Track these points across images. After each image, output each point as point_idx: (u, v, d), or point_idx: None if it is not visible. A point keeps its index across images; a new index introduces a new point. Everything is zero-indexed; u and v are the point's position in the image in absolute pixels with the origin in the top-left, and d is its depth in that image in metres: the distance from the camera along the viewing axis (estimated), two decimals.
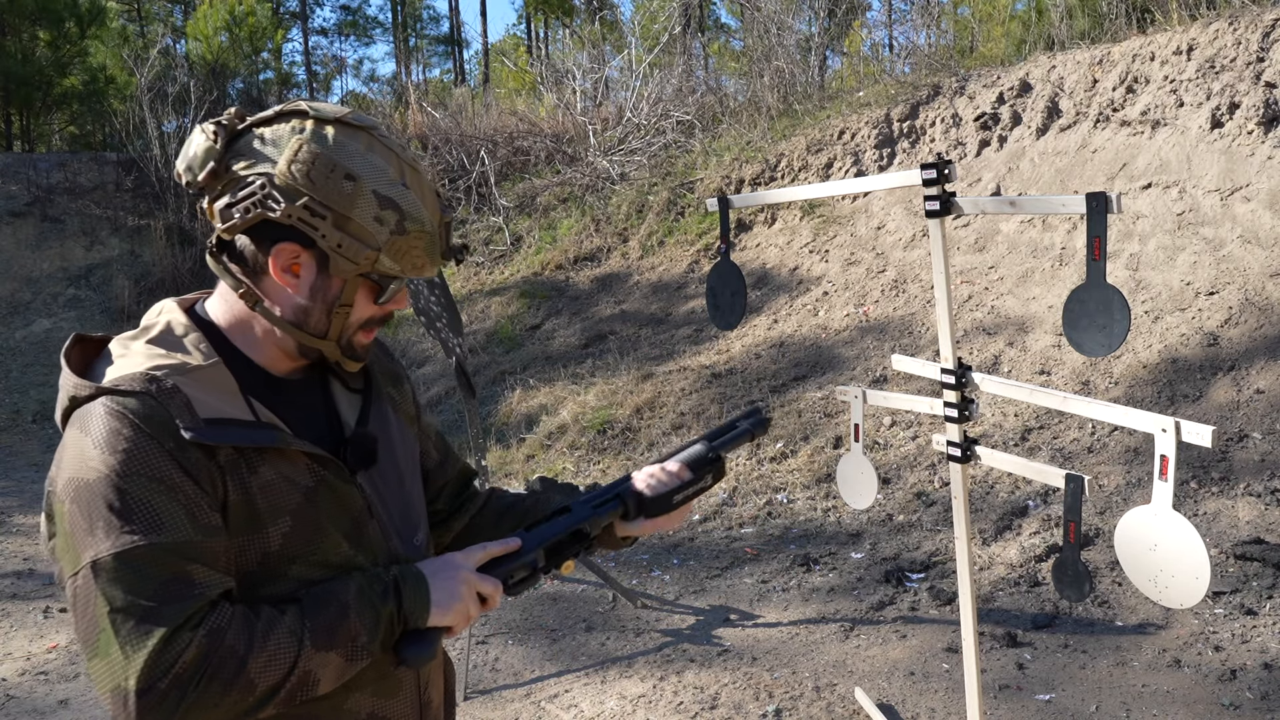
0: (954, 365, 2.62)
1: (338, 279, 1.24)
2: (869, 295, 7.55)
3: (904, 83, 9.65)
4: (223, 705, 1.10)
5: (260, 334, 1.28)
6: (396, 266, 1.24)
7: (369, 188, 1.20)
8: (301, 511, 1.23)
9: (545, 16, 28.81)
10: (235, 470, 1.19)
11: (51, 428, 9.62)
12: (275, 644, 1.13)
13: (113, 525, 1.10)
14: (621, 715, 3.66)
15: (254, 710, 1.14)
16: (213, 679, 1.09)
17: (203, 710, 1.10)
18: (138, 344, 1.24)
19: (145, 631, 1.08)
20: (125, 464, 1.12)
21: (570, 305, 9.38)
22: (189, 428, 1.15)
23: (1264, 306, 5.49)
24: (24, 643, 4.54)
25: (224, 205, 1.21)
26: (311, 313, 1.26)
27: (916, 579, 4.62)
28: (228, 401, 1.22)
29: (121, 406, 1.15)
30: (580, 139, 11.93)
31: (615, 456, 6.72)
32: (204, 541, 1.14)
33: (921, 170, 2.52)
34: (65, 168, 13.01)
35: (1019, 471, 2.65)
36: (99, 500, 1.11)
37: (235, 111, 1.24)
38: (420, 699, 1.39)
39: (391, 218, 1.21)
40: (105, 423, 1.14)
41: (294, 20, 26.98)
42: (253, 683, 1.11)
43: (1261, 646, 3.69)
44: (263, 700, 1.13)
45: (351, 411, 1.37)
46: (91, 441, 1.13)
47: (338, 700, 1.26)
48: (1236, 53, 6.67)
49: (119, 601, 1.09)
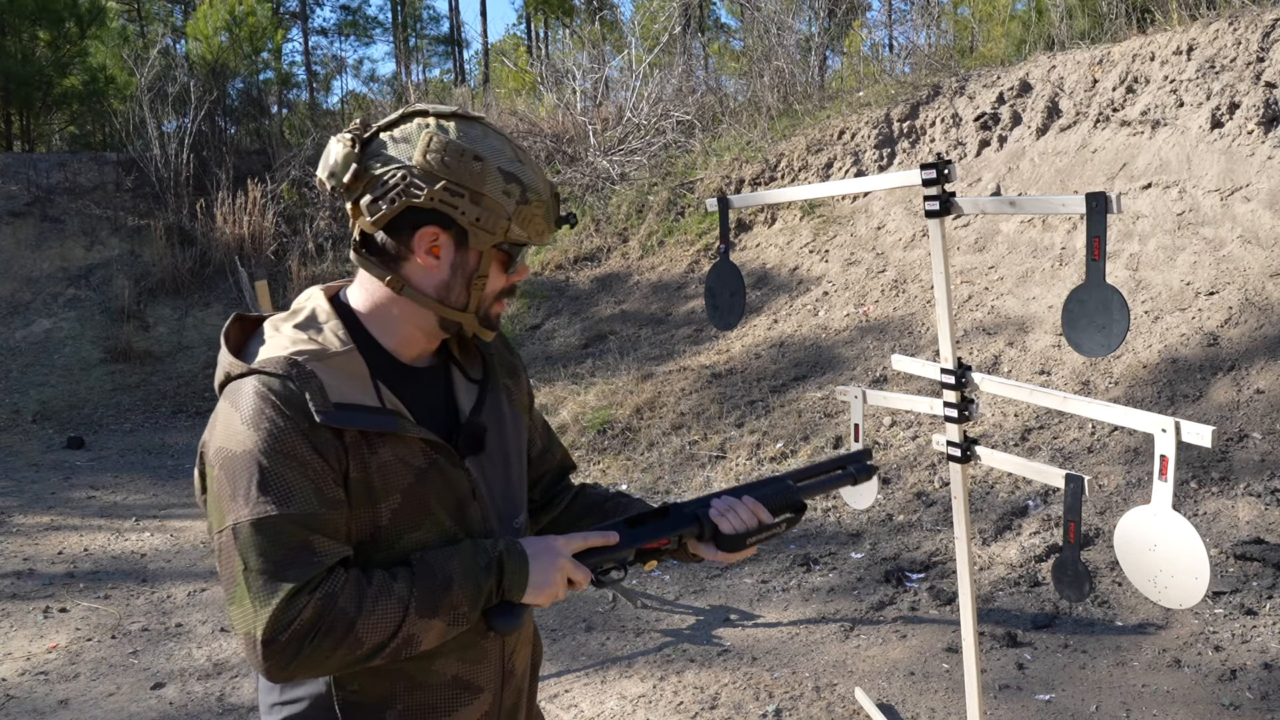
0: (954, 365, 2.62)
1: (474, 252, 1.39)
2: (869, 295, 7.55)
3: (904, 83, 9.65)
4: (333, 658, 1.25)
5: (397, 318, 1.41)
6: (524, 234, 1.39)
7: (494, 165, 1.36)
8: (412, 491, 1.36)
9: (545, 16, 28.80)
10: (358, 450, 1.32)
11: (52, 427, 9.62)
12: (383, 609, 1.27)
13: (251, 495, 1.26)
14: (621, 715, 3.66)
15: (361, 662, 1.28)
16: (326, 635, 1.24)
17: (316, 660, 1.25)
18: (287, 327, 1.39)
19: (272, 590, 1.23)
20: (266, 440, 1.27)
21: (570, 305, 9.38)
22: (320, 410, 1.30)
23: (1264, 306, 5.49)
24: (24, 643, 4.54)
25: (370, 201, 1.36)
26: (453, 287, 1.40)
27: (916, 579, 4.62)
28: (357, 386, 1.35)
29: (266, 387, 1.30)
30: (580, 139, 11.93)
31: (615, 456, 6.72)
32: (327, 514, 1.28)
33: (921, 170, 2.52)
34: (65, 168, 13.00)
35: (1019, 471, 2.65)
36: (242, 471, 1.27)
37: (361, 122, 1.39)
38: (504, 668, 1.50)
39: (516, 190, 1.37)
40: (252, 401, 1.29)
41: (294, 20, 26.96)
42: (360, 640, 1.26)
43: (1261, 646, 3.69)
44: (369, 655, 1.27)
45: (468, 400, 1.49)
46: (240, 417, 1.29)
47: (426, 662, 1.39)
48: (1236, 53, 6.67)
49: (252, 562, 1.24)
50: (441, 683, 1.42)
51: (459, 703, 1.44)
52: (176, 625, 4.71)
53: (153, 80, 13.12)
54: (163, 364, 10.82)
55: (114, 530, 6.36)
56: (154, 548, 5.98)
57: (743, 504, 1.54)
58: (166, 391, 10.39)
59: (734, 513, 1.53)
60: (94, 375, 10.62)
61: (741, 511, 1.53)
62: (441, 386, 1.48)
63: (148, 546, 6.00)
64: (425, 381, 1.46)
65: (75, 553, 5.89)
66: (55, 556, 5.82)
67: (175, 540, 6.11)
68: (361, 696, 1.38)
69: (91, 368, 10.72)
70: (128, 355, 10.80)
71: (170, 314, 11.48)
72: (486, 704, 1.47)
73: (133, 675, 4.18)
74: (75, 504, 7.10)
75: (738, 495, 1.56)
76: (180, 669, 4.23)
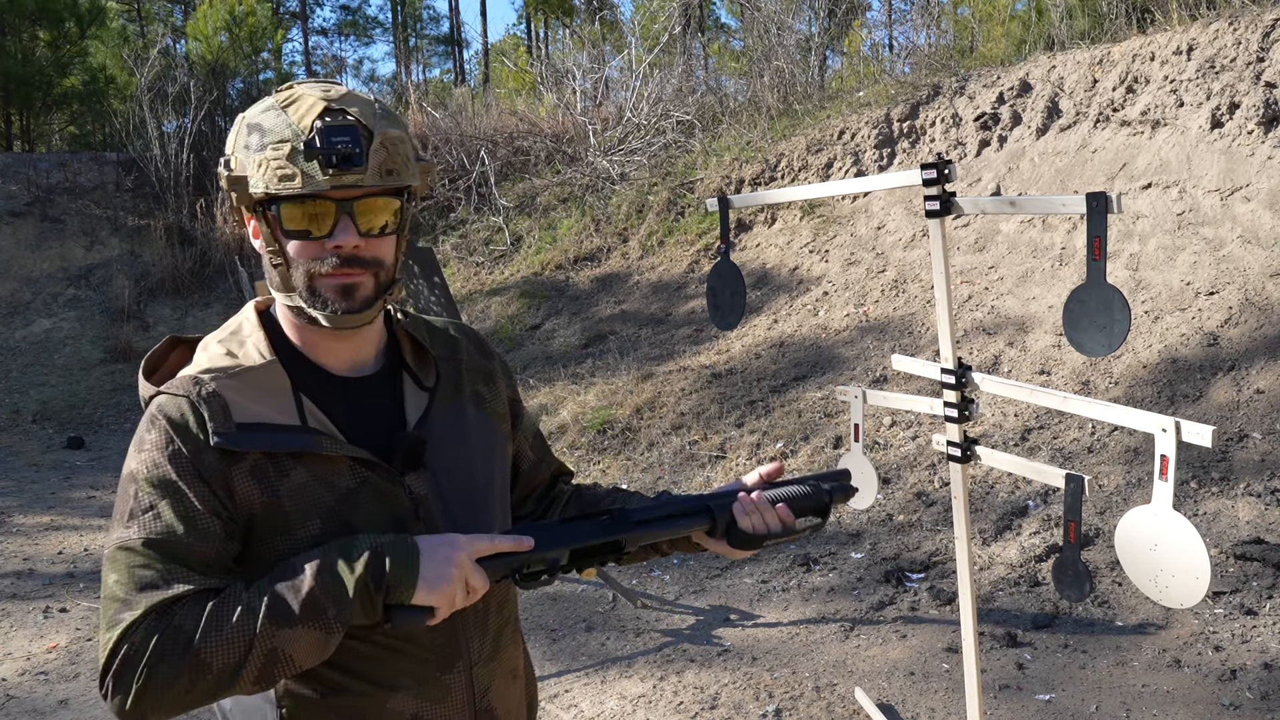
0: (954, 365, 2.62)
1: (249, 219, 1.28)
2: (869, 295, 7.55)
3: (904, 83, 9.65)
4: (177, 685, 1.13)
5: (305, 326, 1.31)
6: (260, 183, 1.21)
7: (244, 121, 1.25)
8: (333, 514, 1.25)
9: (545, 16, 28.81)
10: (262, 475, 1.23)
11: (51, 427, 9.62)
12: (230, 625, 1.14)
13: (124, 519, 1.21)
14: (621, 715, 3.66)
15: (222, 687, 1.14)
16: (160, 660, 1.12)
17: (160, 688, 1.13)
18: (213, 344, 1.32)
19: (117, 618, 1.15)
20: (146, 465, 1.21)
21: (570, 305, 9.38)
22: (218, 432, 1.21)
23: (1264, 306, 5.49)
24: (24, 643, 4.54)
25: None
26: (274, 269, 1.27)
27: (916, 579, 4.62)
28: (274, 402, 1.25)
29: (161, 410, 1.24)
30: (580, 139, 11.93)
31: (615, 456, 6.72)
32: (193, 544, 1.19)
33: (921, 170, 2.52)
34: (65, 168, 13.00)
35: (1019, 471, 2.65)
36: (123, 494, 1.23)
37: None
38: (476, 707, 1.36)
39: (255, 139, 1.23)
40: (143, 424, 1.25)
41: (294, 20, 26.97)
42: (205, 663, 1.13)
43: (1261, 646, 3.69)
44: (226, 679, 1.14)
45: (417, 410, 1.36)
46: (134, 439, 1.25)
47: (379, 699, 1.28)
48: (1236, 53, 6.67)
49: (109, 588, 1.18)
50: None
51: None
52: None
53: (153, 80, 13.12)
54: None
55: None
56: (102, 585, 5.97)
57: (771, 509, 1.42)
58: None
59: (759, 514, 1.41)
60: (94, 375, 10.62)
61: (768, 515, 1.41)
62: (386, 397, 1.35)
63: None
64: (363, 392, 1.33)
65: (75, 553, 5.89)
66: (55, 556, 5.82)
67: None
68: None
69: (91, 368, 10.73)
70: (128, 355, 10.80)
71: (170, 314, 11.48)
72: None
73: None
74: (75, 504, 7.11)
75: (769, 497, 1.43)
76: None
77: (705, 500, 1.41)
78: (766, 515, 1.41)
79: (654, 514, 1.37)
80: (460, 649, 1.34)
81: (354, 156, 1.19)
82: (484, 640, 1.37)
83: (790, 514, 1.43)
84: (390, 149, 1.24)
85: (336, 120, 1.20)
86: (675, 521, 1.39)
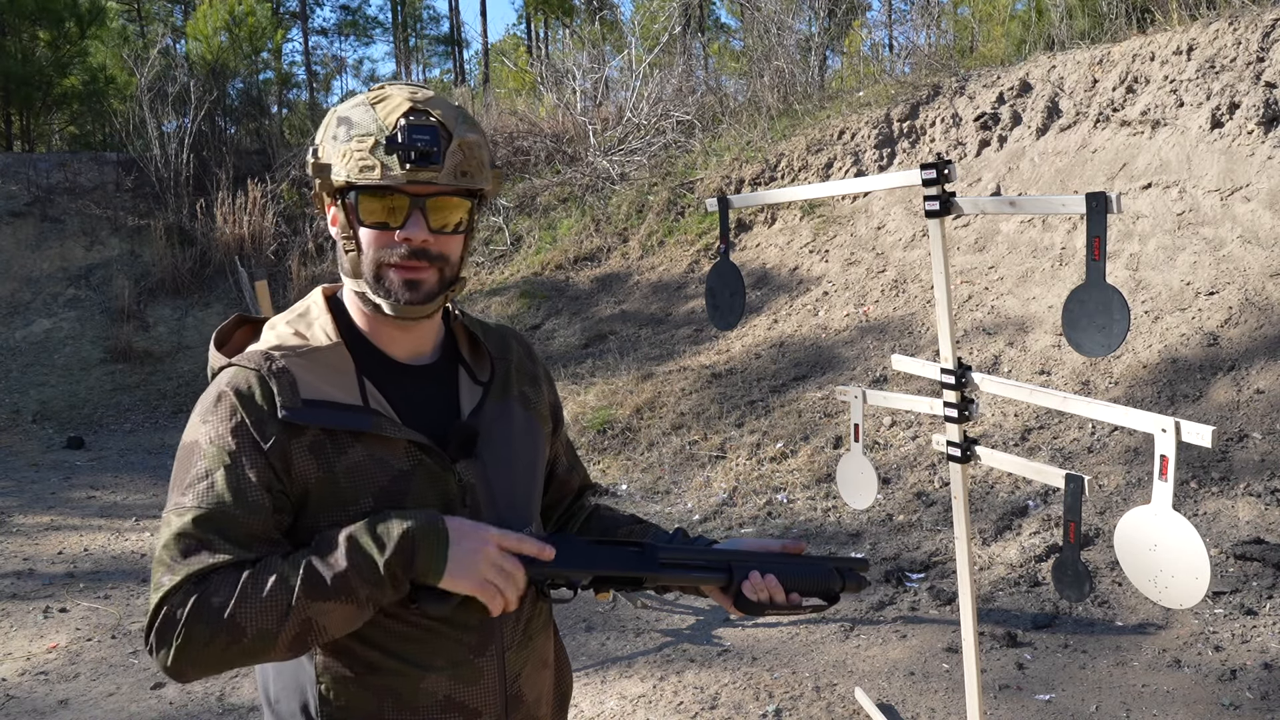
0: (954, 365, 2.62)
1: (330, 209, 1.35)
2: (869, 295, 7.55)
3: (904, 83, 9.65)
4: (213, 646, 1.19)
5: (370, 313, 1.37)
6: (343, 173, 1.28)
7: (336, 114, 1.32)
8: (385, 493, 1.30)
9: (545, 16, 28.80)
10: (321, 451, 1.28)
11: (51, 427, 9.62)
12: (264, 593, 1.19)
13: (180, 486, 1.26)
14: (621, 715, 3.66)
15: (258, 651, 1.20)
16: (197, 621, 1.18)
17: (195, 649, 1.19)
18: (280, 324, 1.38)
19: (160, 581, 1.21)
20: (207, 435, 1.27)
21: (570, 305, 9.38)
22: (286, 406, 1.27)
23: (1264, 306, 5.49)
24: (24, 643, 4.54)
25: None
26: (346, 258, 1.34)
27: (916, 579, 4.62)
28: (338, 382, 1.32)
29: (230, 382, 1.29)
30: (580, 139, 11.93)
31: (615, 456, 6.72)
32: (240, 516, 1.24)
33: (921, 170, 2.51)
34: (65, 168, 13.00)
35: (1019, 471, 2.65)
36: (182, 461, 1.28)
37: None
38: (506, 691, 1.39)
39: (344, 131, 1.29)
40: (211, 395, 1.30)
41: (294, 20, 26.96)
42: (240, 627, 1.18)
43: (1261, 646, 3.69)
44: (260, 644, 1.19)
45: (470, 402, 1.42)
46: (199, 408, 1.30)
47: (414, 679, 1.32)
48: (1236, 53, 6.67)
49: (158, 552, 1.24)
50: (432, 704, 1.33)
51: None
52: None
53: (153, 80, 13.12)
54: (163, 364, 10.82)
55: (114, 530, 6.36)
56: (154, 548, 5.97)
57: (781, 591, 1.43)
58: (166, 391, 10.40)
59: (765, 591, 1.42)
60: (94, 375, 10.62)
61: (776, 595, 1.42)
62: (444, 387, 1.41)
63: (148, 546, 6.00)
64: (423, 380, 1.39)
65: (75, 553, 5.89)
66: (55, 556, 5.82)
67: None
68: (347, 713, 1.32)
69: (91, 368, 10.73)
70: (128, 355, 10.81)
71: (170, 314, 11.48)
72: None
73: (133, 675, 4.18)
74: (75, 504, 7.11)
75: (781, 574, 1.44)
76: None
77: (728, 558, 1.44)
78: (775, 595, 1.43)
79: (679, 559, 1.42)
80: (494, 634, 1.37)
81: (431, 154, 1.26)
82: (515, 627, 1.40)
83: (799, 598, 1.46)
84: (467, 152, 1.30)
85: (419, 120, 1.27)
86: (696, 572, 1.43)
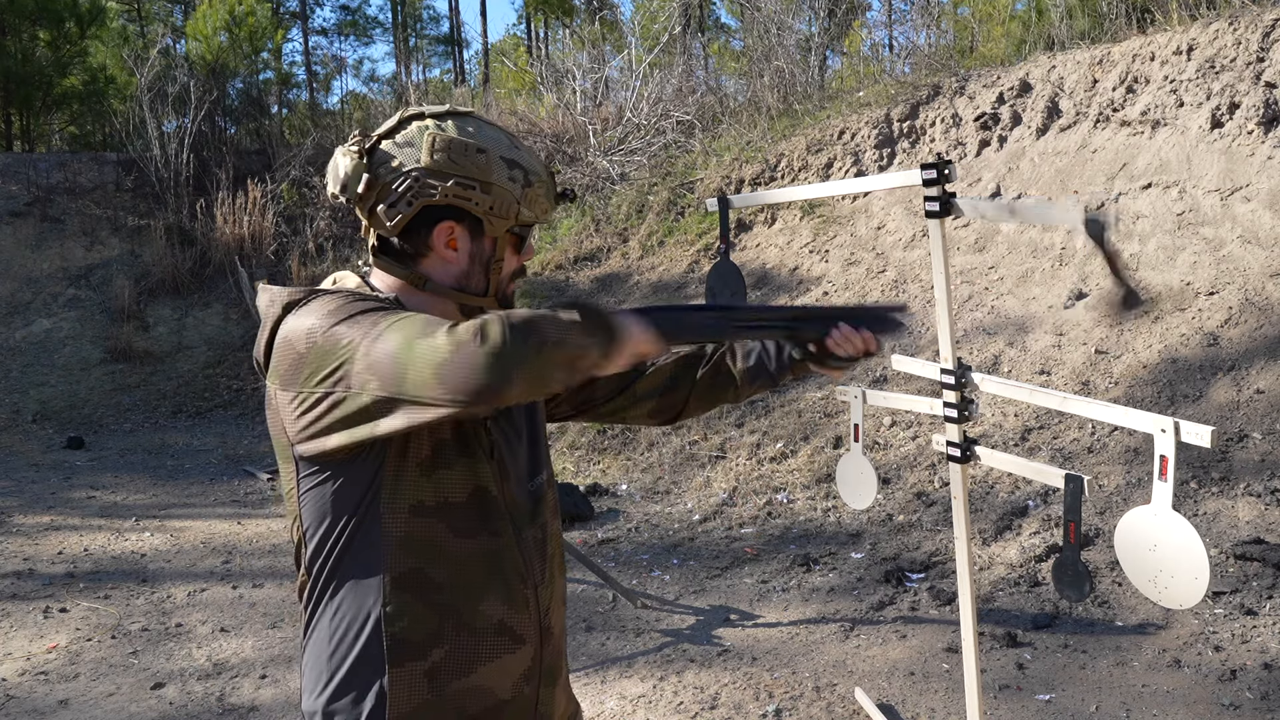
0: (954, 365, 2.62)
1: (489, 239, 1.47)
2: (869, 295, 7.55)
3: (904, 83, 9.65)
4: (529, 346, 1.16)
5: (418, 304, 1.46)
6: (531, 214, 1.47)
7: (497, 155, 1.44)
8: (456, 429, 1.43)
9: (545, 16, 28.79)
10: None
11: (51, 427, 9.62)
12: (554, 313, 1.21)
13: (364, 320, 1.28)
14: (621, 715, 3.66)
15: (552, 366, 1.18)
16: (510, 322, 1.17)
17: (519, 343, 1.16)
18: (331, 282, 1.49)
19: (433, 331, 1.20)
20: (351, 299, 1.34)
21: None
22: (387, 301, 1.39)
23: (1264, 306, 5.49)
24: (24, 643, 4.54)
25: (386, 207, 1.42)
26: (472, 275, 1.47)
27: (916, 579, 4.62)
28: None
29: (331, 292, 1.38)
30: (580, 139, 11.93)
31: (615, 456, 6.72)
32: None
33: (921, 170, 2.52)
34: (65, 168, 13.00)
35: (1019, 471, 2.65)
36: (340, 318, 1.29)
37: (362, 132, 1.46)
38: (541, 623, 1.51)
39: (520, 175, 1.45)
40: (323, 299, 1.35)
41: (294, 20, 26.94)
42: (545, 335, 1.17)
43: (1261, 646, 3.69)
44: (556, 355, 1.18)
45: None
46: (311, 310, 1.34)
47: (474, 602, 1.42)
48: (1236, 53, 6.67)
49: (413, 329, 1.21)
50: (488, 626, 1.43)
51: (503, 650, 1.44)
52: (176, 625, 4.71)
53: (153, 80, 13.12)
54: (163, 364, 10.82)
55: (114, 530, 6.36)
56: (154, 548, 5.98)
57: (858, 334, 1.58)
58: (166, 391, 10.40)
59: (849, 342, 1.58)
60: (94, 375, 10.63)
61: (854, 340, 1.58)
62: None
63: (148, 546, 6.00)
64: None
65: (75, 553, 5.89)
66: (55, 556, 5.82)
67: (175, 540, 6.11)
68: (410, 633, 1.39)
69: (91, 368, 10.73)
70: (128, 355, 10.81)
71: (170, 314, 11.48)
72: (528, 658, 1.48)
73: (133, 675, 4.18)
74: (75, 504, 7.11)
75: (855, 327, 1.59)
76: (180, 669, 4.23)
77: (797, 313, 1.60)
78: (855, 342, 1.58)
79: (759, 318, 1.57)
80: (530, 569, 1.49)
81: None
82: (543, 565, 1.53)
83: (872, 337, 1.59)
84: None
85: (550, 167, 1.53)
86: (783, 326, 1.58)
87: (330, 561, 1.41)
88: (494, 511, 1.44)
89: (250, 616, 4.77)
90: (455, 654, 1.41)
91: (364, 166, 1.42)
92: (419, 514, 1.38)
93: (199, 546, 5.95)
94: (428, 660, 1.39)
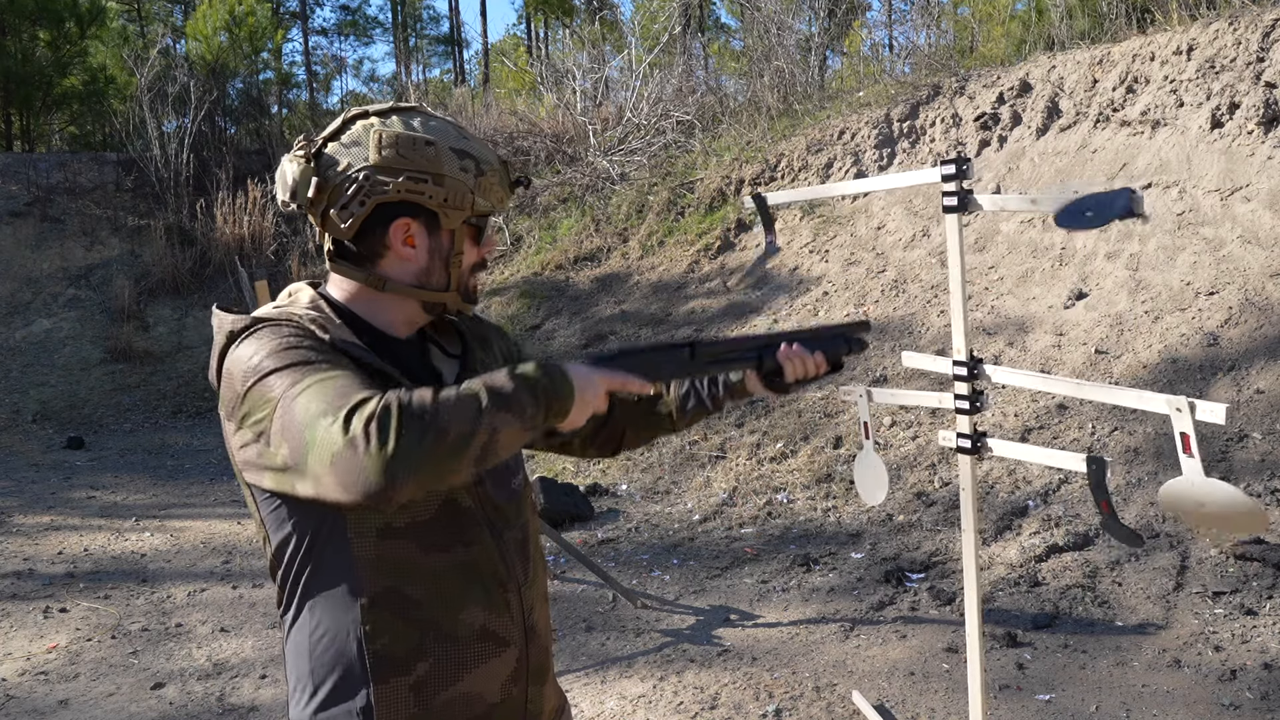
0: (967, 357, 2.66)
1: (446, 232, 1.45)
2: (869, 295, 7.55)
3: (904, 83, 9.65)
4: (425, 442, 1.15)
5: (379, 308, 1.46)
6: (486, 204, 1.45)
7: (445, 146, 1.42)
8: None
9: (545, 16, 28.80)
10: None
11: (51, 427, 9.62)
12: (455, 398, 1.20)
13: (295, 370, 1.26)
14: (621, 715, 3.66)
15: (454, 455, 1.17)
16: (405, 415, 1.15)
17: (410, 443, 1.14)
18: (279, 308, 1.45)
19: (337, 404, 1.19)
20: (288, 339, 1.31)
21: (570, 305, 9.38)
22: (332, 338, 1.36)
23: (1264, 306, 5.49)
24: (24, 643, 4.54)
25: (339, 209, 1.40)
26: (432, 271, 1.46)
27: (916, 579, 4.62)
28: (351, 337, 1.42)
29: (274, 323, 1.35)
30: (580, 139, 11.93)
31: (615, 456, 6.71)
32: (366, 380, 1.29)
33: (940, 166, 2.58)
34: (65, 168, 13.01)
35: (1032, 460, 2.68)
36: (272, 367, 1.28)
37: (306, 137, 1.44)
38: (525, 623, 1.49)
39: (471, 164, 1.43)
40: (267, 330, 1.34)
41: (294, 20, 26.94)
42: (444, 427, 1.16)
43: (1261, 646, 3.69)
44: (457, 448, 1.17)
45: (450, 372, 1.53)
46: (251, 345, 1.32)
47: (454, 612, 1.41)
48: (1236, 53, 6.67)
49: (314, 406, 1.20)
50: (470, 634, 1.41)
51: (488, 654, 1.43)
52: (176, 625, 4.71)
53: (153, 80, 13.13)
54: (163, 364, 10.82)
55: (114, 530, 6.36)
56: (154, 548, 5.98)
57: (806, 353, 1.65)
58: (166, 391, 10.40)
59: (799, 360, 1.64)
60: (94, 375, 10.62)
61: (808, 362, 1.65)
62: (423, 359, 1.52)
63: (148, 546, 6.00)
64: (413, 356, 1.49)
65: (75, 553, 5.89)
66: (55, 556, 5.82)
67: (175, 540, 6.10)
68: (392, 649, 1.37)
69: (91, 368, 10.73)
70: (128, 355, 10.81)
71: (170, 314, 11.48)
72: (513, 660, 1.47)
73: (133, 675, 4.18)
74: (75, 504, 7.10)
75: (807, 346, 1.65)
76: (180, 669, 4.22)
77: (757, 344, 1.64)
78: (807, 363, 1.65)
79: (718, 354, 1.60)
80: (512, 571, 1.47)
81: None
82: (525, 565, 1.51)
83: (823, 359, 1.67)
84: None
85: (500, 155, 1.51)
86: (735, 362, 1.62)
87: (302, 579, 1.39)
88: (466, 521, 1.42)
89: (250, 616, 4.77)
90: (440, 665, 1.40)
91: (312, 170, 1.40)
92: (388, 536, 1.36)
93: (199, 546, 5.95)
94: (412, 675, 1.38)
